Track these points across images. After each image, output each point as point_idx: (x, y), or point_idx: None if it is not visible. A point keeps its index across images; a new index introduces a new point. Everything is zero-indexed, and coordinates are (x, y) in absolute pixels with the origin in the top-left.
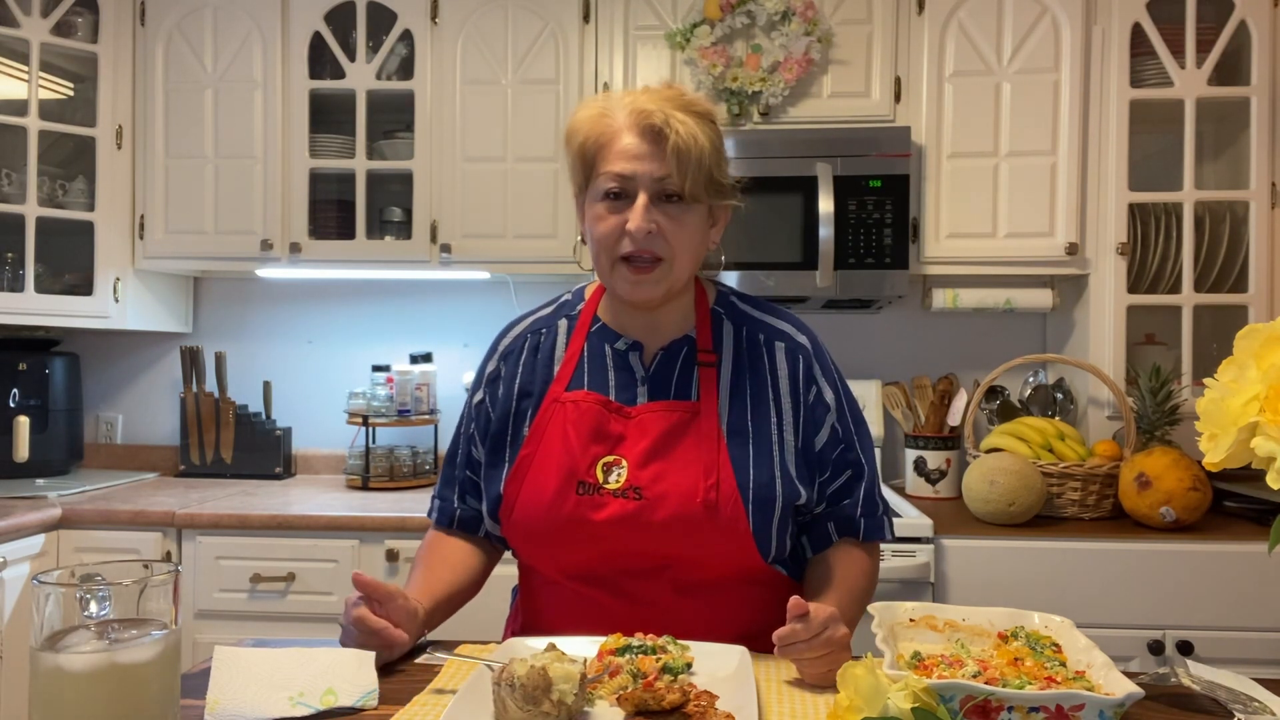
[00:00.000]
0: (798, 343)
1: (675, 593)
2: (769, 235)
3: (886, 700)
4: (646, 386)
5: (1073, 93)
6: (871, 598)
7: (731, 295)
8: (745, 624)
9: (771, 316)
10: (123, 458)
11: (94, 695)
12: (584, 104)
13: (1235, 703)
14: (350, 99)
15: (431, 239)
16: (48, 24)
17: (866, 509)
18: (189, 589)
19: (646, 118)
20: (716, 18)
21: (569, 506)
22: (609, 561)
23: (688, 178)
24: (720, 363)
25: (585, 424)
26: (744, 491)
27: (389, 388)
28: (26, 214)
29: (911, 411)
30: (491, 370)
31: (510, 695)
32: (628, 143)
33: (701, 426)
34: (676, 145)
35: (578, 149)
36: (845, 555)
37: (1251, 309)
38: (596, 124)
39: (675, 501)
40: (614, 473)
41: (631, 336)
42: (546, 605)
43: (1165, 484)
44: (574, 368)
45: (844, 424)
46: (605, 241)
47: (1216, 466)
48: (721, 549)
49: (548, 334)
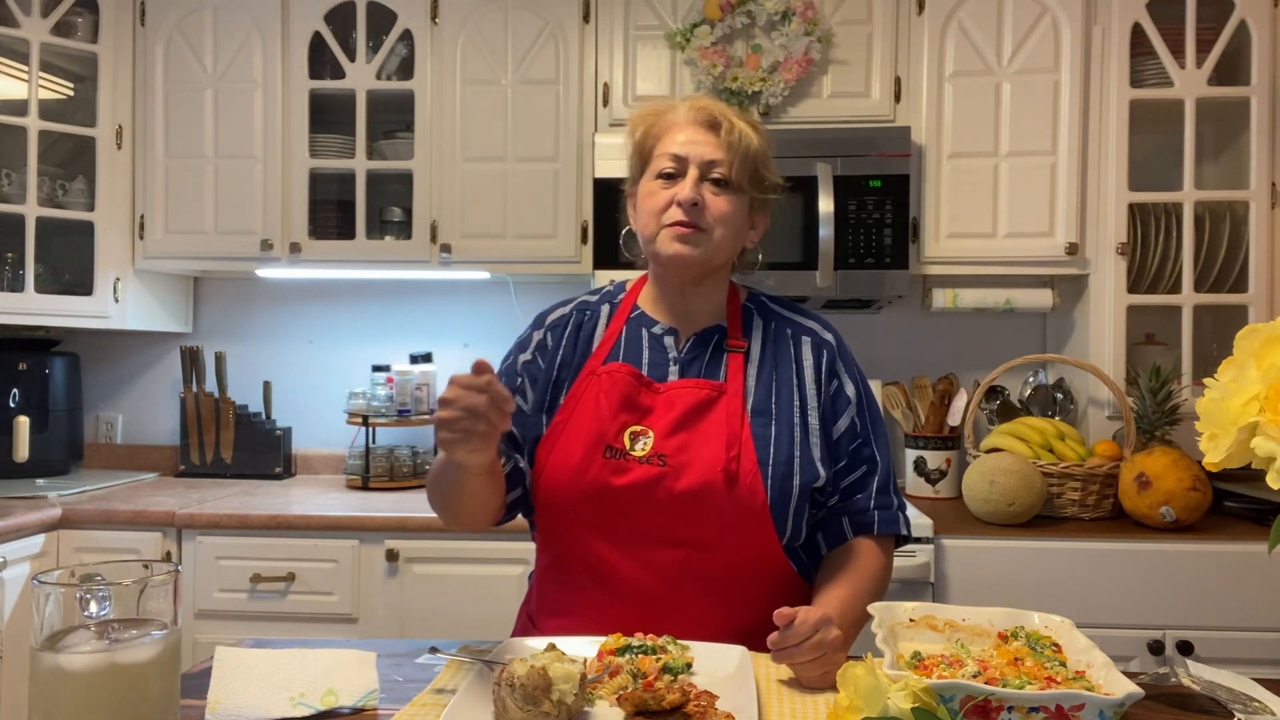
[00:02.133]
0: (823, 339)
1: (690, 577)
2: (769, 235)
3: (886, 700)
4: (678, 367)
5: (1073, 93)
6: (880, 598)
7: (763, 296)
8: (752, 621)
9: (800, 315)
10: (123, 458)
11: (94, 695)
12: (645, 104)
13: (1235, 703)
14: (350, 99)
15: (431, 239)
16: (48, 24)
17: (880, 502)
18: (189, 589)
19: (705, 112)
20: (716, 18)
21: (594, 469)
22: (630, 529)
23: (735, 165)
24: (749, 350)
25: (616, 393)
26: (764, 467)
27: (389, 388)
28: (26, 214)
29: (911, 411)
30: (540, 338)
31: (510, 695)
32: (685, 132)
33: (727, 404)
34: (729, 135)
35: (638, 140)
36: (856, 555)
37: (1251, 309)
38: (659, 117)
39: (698, 471)
40: (640, 441)
41: (668, 323)
42: (564, 583)
43: (1165, 484)
44: (611, 345)
45: (863, 419)
46: (655, 210)
47: (1216, 466)
48: (739, 526)
49: (591, 315)
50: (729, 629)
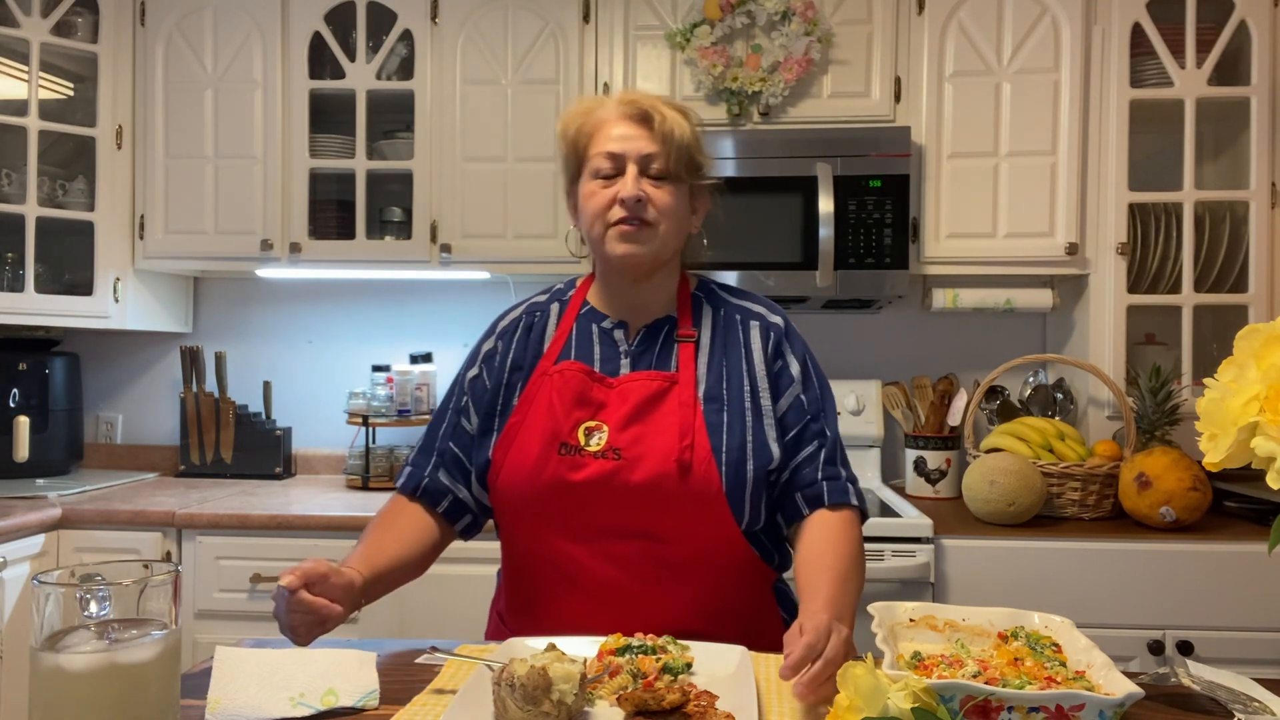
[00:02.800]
0: (771, 322)
1: (652, 567)
2: (769, 235)
3: (886, 700)
4: (629, 360)
5: (1073, 93)
6: (862, 574)
7: (712, 284)
8: (718, 608)
9: (748, 301)
10: (123, 458)
11: (94, 695)
12: (574, 104)
13: (1235, 703)
14: (350, 99)
15: (431, 239)
16: (48, 24)
17: (827, 473)
18: (189, 589)
19: (635, 106)
20: (716, 18)
21: (551, 467)
22: (590, 523)
23: (671, 156)
24: (699, 339)
25: (569, 390)
26: (718, 454)
27: (389, 388)
28: (26, 214)
29: (911, 411)
30: (489, 348)
31: (510, 695)
32: (618, 128)
33: (679, 394)
34: (662, 127)
35: (571, 140)
36: (823, 540)
37: (1251, 309)
38: (588, 116)
39: (652, 462)
40: (595, 436)
41: (618, 317)
42: (529, 580)
43: (1165, 484)
44: (563, 344)
45: (809, 394)
46: (598, 211)
47: (1216, 466)
48: (697, 514)
49: (541, 316)
50: (695, 616)
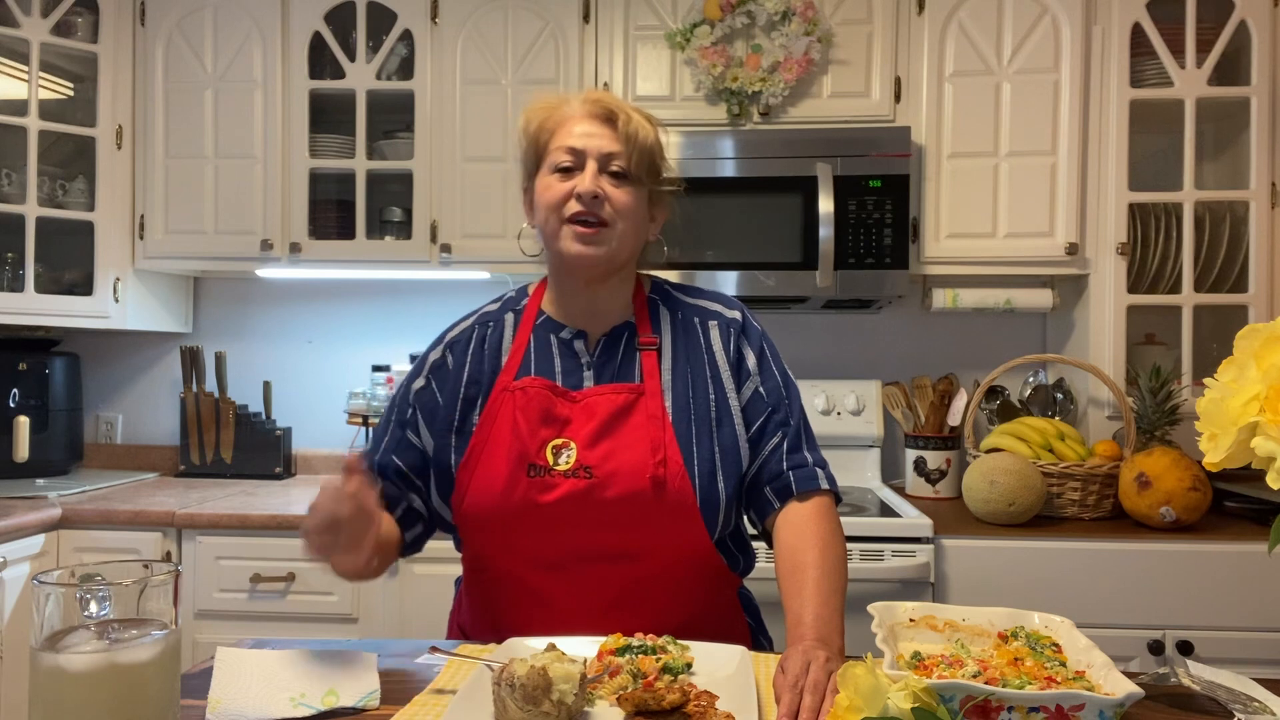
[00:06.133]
0: (728, 319)
1: (623, 583)
2: (769, 235)
3: (886, 700)
4: (592, 371)
5: (1073, 93)
6: (843, 562)
7: (666, 285)
8: (687, 618)
9: (703, 300)
10: (123, 458)
11: (94, 695)
12: (536, 99)
13: (1235, 703)
14: (350, 99)
15: (431, 239)
16: (48, 24)
17: (793, 461)
18: (189, 589)
19: (600, 105)
20: (716, 18)
21: (520, 490)
22: (562, 545)
23: (633, 158)
24: (660, 346)
25: (533, 408)
26: (689, 466)
27: (389, 388)
28: (26, 214)
29: (911, 411)
30: (436, 358)
31: (510, 695)
32: (581, 125)
33: (646, 406)
34: (626, 127)
35: (532, 135)
36: (798, 538)
37: (1251, 309)
38: (552, 111)
39: (625, 479)
40: (563, 455)
41: (575, 326)
42: (498, 598)
43: (1165, 484)
44: (521, 357)
45: (768, 384)
46: (554, 205)
47: (1216, 466)
48: (671, 529)
49: (495, 327)
50: (663, 630)
